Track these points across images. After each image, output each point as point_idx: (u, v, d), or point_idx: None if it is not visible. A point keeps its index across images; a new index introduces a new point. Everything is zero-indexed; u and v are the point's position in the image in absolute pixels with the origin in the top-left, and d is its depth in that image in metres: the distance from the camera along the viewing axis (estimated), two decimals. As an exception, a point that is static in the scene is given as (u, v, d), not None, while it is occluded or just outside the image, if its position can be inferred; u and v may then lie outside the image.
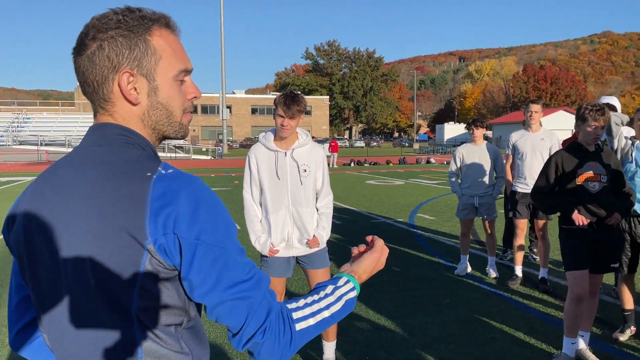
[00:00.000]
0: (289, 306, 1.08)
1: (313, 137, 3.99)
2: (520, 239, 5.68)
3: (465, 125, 6.39)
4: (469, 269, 6.08)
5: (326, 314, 1.10)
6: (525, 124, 5.72)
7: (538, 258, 6.51)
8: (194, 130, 74.48)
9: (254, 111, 78.88)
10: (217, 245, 0.99)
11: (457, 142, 62.79)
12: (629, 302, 4.16)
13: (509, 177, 5.96)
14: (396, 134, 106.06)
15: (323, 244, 3.47)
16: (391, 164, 29.65)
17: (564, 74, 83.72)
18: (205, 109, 75.34)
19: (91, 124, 1.12)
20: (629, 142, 4.04)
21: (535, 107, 5.48)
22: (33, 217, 1.05)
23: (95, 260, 0.98)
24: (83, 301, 1.01)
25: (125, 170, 1.01)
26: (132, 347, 1.00)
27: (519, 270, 5.66)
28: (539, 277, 5.55)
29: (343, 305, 1.14)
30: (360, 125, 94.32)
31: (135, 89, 1.06)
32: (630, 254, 4.04)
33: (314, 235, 3.39)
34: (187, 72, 1.12)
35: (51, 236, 1.02)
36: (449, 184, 6.39)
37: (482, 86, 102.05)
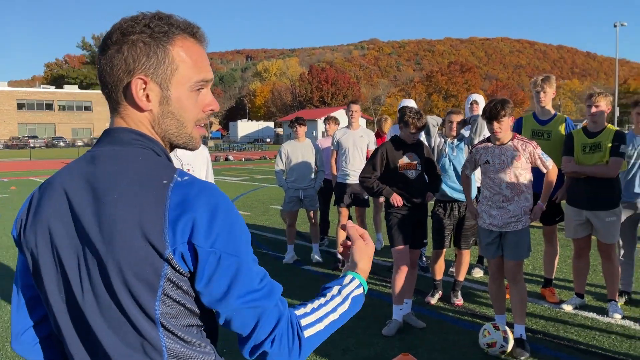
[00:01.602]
0: (297, 312, 1.09)
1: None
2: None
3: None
4: (296, 257, 6.51)
5: (334, 316, 1.12)
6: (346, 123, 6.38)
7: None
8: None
9: (20, 106, 69.43)
10: (231, 254, 1.00)
11: (251, 139, 64.45)
12: (439, 273, 5.02)
13: (334, 170, 6.50)
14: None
15: None
16: (190, 162, 29.13)
17: (341, 76, 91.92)
18: (-47, 106, 63.64)
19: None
20: (442, 140, 4.88)
21: (355, 107, 6.15)
22: (58, 221, 1.04)
23: (120, 268, 0.98)
24: (108, 306, 1.01)
25: (142, 178, 1.02)
26: (157, 350, 1.02)
27: (341, 254, 6.26)
28: (358, 258, 6.23)
29: (350, 304, 1.15)
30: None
31: (148, 95, 1.07)
32: (446, 232, 4.86)
33: None
34: (206, 82, 1.12)
35: (76, 240, 1.02)
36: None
37: (271, 85, 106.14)
